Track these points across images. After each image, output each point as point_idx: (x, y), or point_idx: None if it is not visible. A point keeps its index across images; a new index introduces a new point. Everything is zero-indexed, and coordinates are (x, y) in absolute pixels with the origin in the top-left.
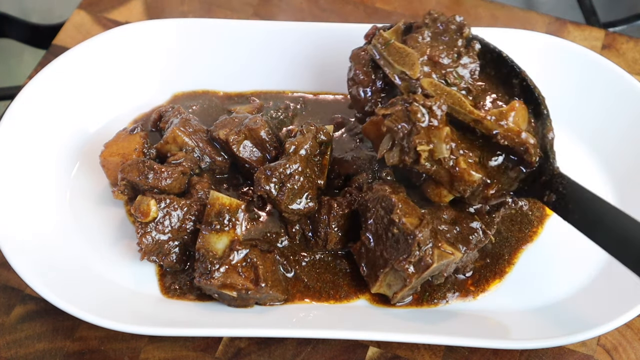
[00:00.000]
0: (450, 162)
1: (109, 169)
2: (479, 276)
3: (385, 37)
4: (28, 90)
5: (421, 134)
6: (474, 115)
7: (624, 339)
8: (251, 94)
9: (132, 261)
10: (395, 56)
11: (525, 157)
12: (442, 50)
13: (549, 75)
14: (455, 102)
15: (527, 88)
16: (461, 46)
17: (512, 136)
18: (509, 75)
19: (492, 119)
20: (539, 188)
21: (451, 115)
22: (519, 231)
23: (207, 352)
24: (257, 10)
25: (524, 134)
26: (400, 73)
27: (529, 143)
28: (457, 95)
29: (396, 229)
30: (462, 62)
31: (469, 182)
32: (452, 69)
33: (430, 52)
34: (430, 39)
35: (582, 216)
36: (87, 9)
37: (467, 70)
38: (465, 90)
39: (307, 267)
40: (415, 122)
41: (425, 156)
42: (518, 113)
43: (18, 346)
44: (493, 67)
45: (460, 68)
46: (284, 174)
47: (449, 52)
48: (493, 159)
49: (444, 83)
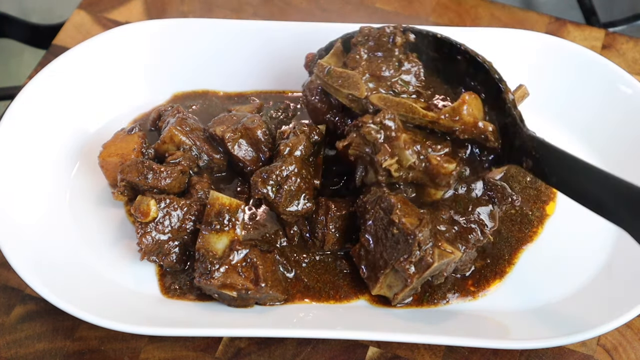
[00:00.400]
0: (423, 164)
1: (108, 170)
2: (479, 276)
3: (323, 66)
4: (28, 90)
5: (382, 150)
6: (429, 117)
7: (624, 339)
8: (251, 93)
9: (132, 261)
10: (339, 81)
11: (488, 144)
12: (381, 64)
13: (549, 75)
14: (407, 109)
15: (473, 60)
16: (399, 54)
17: (469, 129)
18: (452, 55)
19: (446, 117)
20: (516, 154)
21: (409, 121)
22: (519, 231)
23: (207, 352)
24: (257, 10)
25: (481, 123)
26: (347, 96)
27: (487, 131)
28: (407, 103)
29: (396, 229)
30: (404, 69)
31: (446, 174)
32: (396, 78)
33: (371, 68)
34: (367, 55)
35: (559, 179)
36: (87, 9)
37: (411, 74)
38: (415, 94)
39: (307, 268)
40: (373, 141)
41: (395, 168)
42: (470, 104)
43: (18, 346)
44: (435, 52)
45: (404, 75)
46: (280, 176)
47: (389, 63)
48: (462, 149)
49: (392, 94)
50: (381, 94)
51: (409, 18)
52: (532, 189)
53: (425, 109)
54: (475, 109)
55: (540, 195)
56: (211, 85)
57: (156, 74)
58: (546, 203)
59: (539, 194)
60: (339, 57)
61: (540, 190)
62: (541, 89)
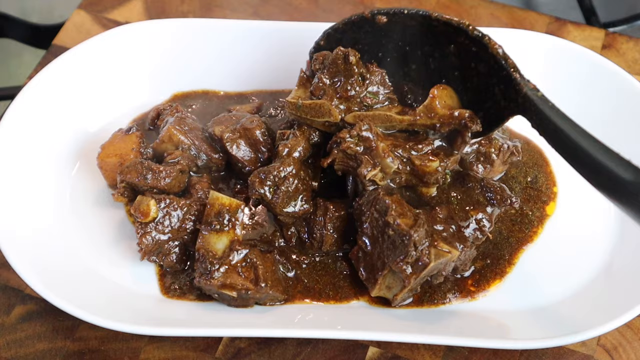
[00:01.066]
0: (407, 167)
1: (107, 170)
2: (479, 276)
3: (292, 103)
4: (28, 90)
5: (364, 163)
6: (406, 121)
7: (624, 339)
8: (251, 93)
9: (132, 261)
10: (311, 112)
11: (471, 128)
12: (344, 85)
13: (549, 75)
14: (383, 120)
15: (447, 24)
16: (358, 70)
17: (448, 121)
18: (423, 30)
19: (421, 116)
20: (517, 108)
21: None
22: (519, 231)
23: (207, 352)
24: (257, 10)
25: (456, 112)
26: (324, 123)
27: (464, 117)
28: (381, 114)
29: (391, 230)
30: (368, 82)
31: (432, 172)
32: (364, 93)
33: (337, 91)
34: (330, 80)
35: (558, 140)
36: (87, 9)
37: (377, 84)
38: (387, 101)
39: (307, 269)
40: (354, 154)
41: (380, 177)
42: (441, 97)
43: (18, 346)
44: (410, 29)
45: (371, 86)
46: (278, 176)
47: (352, 82)
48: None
49: (365, 109)
50: (355, 112)
51: None
52: (533, 189)
53: (400, 112)
54: (448, 99)
55: (540, 196)
56: (211, 85)
57: (156, 74)
58: (546, 203)
59: (540, 194)
60: (306, 86)
61: (540, 190)
62: (541, 88)
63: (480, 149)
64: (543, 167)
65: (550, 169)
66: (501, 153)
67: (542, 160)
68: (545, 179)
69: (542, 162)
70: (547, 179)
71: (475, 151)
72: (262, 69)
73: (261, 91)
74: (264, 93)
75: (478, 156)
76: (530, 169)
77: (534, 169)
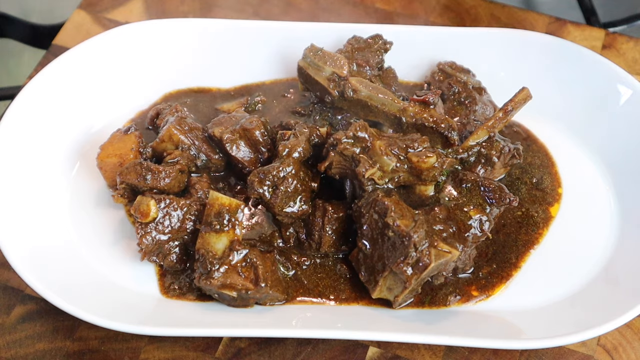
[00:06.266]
0: (405, 165)
1: (107, 171)
2: (485, 282)
3: (316, 47)
4: (28, 90)
5: (362, 162)
6: (399, 103)
7: (624, 339)
8: (251, 86)
9: (132, 261)
10: (327, 61)
11: (449, 140)
12: (366, 55)
13: (548, 75)
14: (381, 92)
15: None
16: (381, 52)
17: (435, 119)
18: None
19: (415, 106)
20: None
21: (384, 118)
22: (525, 234)
23: (207, 352)
24: (257, 10)
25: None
26: (329, 75)
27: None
28: (381, 88)
29: (391, 232)
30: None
31: (429, 167)
32: (375, 71)
33: (356, 58)
34: (353, 50)
35: None
36: (87, 9)
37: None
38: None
39: (307, 272)
40: (352, 155)
41: (379, 176)
42: None
43: (18, 346)
44: None
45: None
46: (277, 176)
47: (372, 56)
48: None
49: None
50: (360, 77)
51: (409, 18)
52: (538, 190)
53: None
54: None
55: (545, 197)
56: (211, 85)
57: (156, 74)
58: (551, 205)
59: (545, 195)
60: None
61: (545, 192)
62: (541, 88)
63: (481, 151)
64: (549, 168)
65: (556, 169)
66: (502, 155)
67: (549, 160)
68: (550, 180)
69: (549, 163)
70: (552, 180)
71: (476, 153)
72: (262, 68)
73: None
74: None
75: (479, 158)
76: (536, 169)
77: (539, 169)
